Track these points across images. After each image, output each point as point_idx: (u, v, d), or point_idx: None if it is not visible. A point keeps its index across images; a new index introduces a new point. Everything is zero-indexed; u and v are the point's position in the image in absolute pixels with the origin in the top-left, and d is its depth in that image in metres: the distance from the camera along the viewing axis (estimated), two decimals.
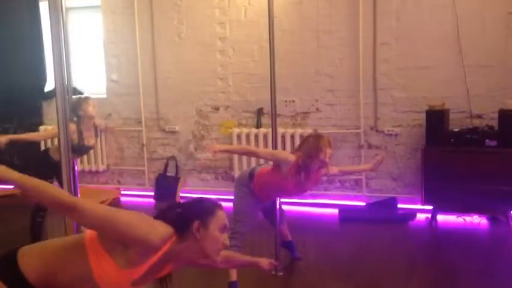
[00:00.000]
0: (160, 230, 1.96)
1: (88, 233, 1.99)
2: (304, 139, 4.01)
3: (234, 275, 3.79)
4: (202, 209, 2.09)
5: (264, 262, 2.86)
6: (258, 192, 3.93)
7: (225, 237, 2.11)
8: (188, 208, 2.11)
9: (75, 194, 2.46)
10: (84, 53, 7.07)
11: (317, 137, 3.87)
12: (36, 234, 4.81)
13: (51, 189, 1.92)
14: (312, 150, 3.76)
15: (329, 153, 3.78)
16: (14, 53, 7.02)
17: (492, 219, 5.37)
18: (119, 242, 1.91)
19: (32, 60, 7.04)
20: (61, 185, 2.44)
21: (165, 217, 2.05)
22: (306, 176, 3.79)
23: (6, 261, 1.96)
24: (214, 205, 2.14)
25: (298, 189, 3.94)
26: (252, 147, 4.62)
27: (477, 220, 5.40)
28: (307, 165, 3.76)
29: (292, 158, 3.81)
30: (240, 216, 3.90)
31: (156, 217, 2.06)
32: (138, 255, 1.92)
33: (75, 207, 1.88)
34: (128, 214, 1.94)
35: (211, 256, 2.08)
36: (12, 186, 1.96)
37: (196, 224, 2.03)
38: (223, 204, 2.22)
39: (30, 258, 1.97)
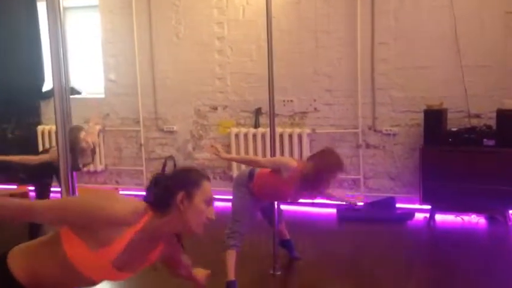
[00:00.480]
0: (126, 205, 1.89)
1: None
2: (323, 153, 3.85)
3: (231, 275, 3.78)
4: (188, 180, 1.99)
5: (201, 276, 2.64)
6: (257, 192, 3.92)
7: (210, 211, 2.03)
8: (174, 179, 2.01)
9: (73, 194, 2.46)
10: (82, 53, 7.06)
11: (337, 163, 3.73)
12: (34, 235, 4.79)
13: (3, 201, 1.91)
14: (324, 172, 3.67)
15: (337, 179, 3.74)
16: (12, 53, 7.01)
17: (490, 219, 5.38)
18: (87, 226, 1.87)
19: (30, 60, 7.03)
20: (60, 184, 2.44)
21: (153, 191, 1.99)
22: (306, 188, 3.77)
23: None
24: (201, 176, 2.04)
25: (295, 197, 3.94)
26: (252, 156, 4.57)
27: (475, 220, 5.40)
28: (312, 180, 3.70)
29: (293, 163, 3.78)
30: (239, 216, 3.90)
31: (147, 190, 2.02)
32: (108, 234, 1.86)
33: (32, 209, 1.89)
34: (86, 198, 1.91)
35: (195, 229, 2.01)
36: (10, 186, 1.96)
37: (180, 195, 1.94)
38: (222, 204, 2.21)
39: (18, 258, 1.96)
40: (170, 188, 1.96)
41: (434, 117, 5.28)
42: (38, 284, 1.95)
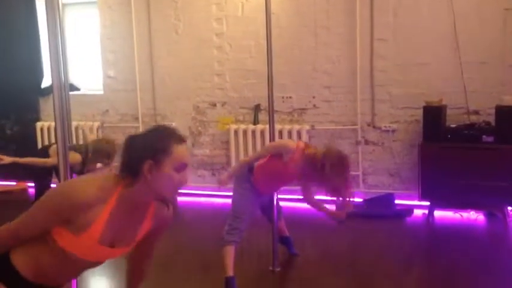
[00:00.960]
0: (89, 186, 1.82)
1: None
2: (339, 152, 3.73)
3: (230, 271, 3.79)
4: (156, 146, 1.82)
5: None
6: (258, 185, 3.91)
7: (182, 176, 1.88)
8: (141, 144, 1.85)
9: None
10: (81, 49, 7.05)
11: (341, 170, 3.62)
12: None
13: None
14: (328, 166, 3.55)
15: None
16: (11, 50, 7.01)
17: (489, 215, 5.39)
18: (63, 219, 1.85)
19: (28, 56, 7.03)
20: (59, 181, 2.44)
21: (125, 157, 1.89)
22: (308, 170, 3.73)
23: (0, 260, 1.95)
24: (171, 140, 1.86)
25: (300, 177, 3.90)
26: (250, 155, 4.50)
27: (474, 216, 5.41)
28: (314, 165, 3.63)
29: (292, 144, 3.80)
30: (239, 212, 3.90)
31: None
32: (85, 218, 1.82)
33: (14, 232, 1.94)
34: (46, 198, 1.89)
35: (167, 196, 1.93)
36: (9, 183, 1.97)
37: (147, 164, 1.80)
38: (220, 200, 2.21)
39: (20, 253, 1.97)
40: (137, 155, 1.82)
41: (433, 114, 5.28)
42: (43, 276, 1.96)
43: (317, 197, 4.13)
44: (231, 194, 4.05)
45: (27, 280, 1.93)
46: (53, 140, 6.53)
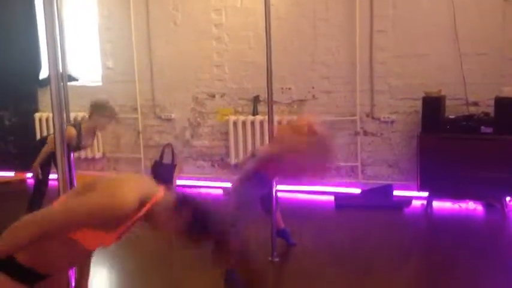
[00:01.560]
0: (131, 195, 1.93)
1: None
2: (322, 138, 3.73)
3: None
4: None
5: None
6: (267, 173, 3.88)
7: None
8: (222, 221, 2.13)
9: (71, 182, 2.46)
10: (79, 40, 7.02)
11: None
12: None
13: (18, 232, 1.97)
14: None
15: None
16: (9, 40, 6.99)
17: (487, 206, 5.40)
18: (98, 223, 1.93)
19: (27, 47, 7.01)
20: (57, 172, 2.43)
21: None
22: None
23: None
24: None
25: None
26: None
27: (472, 207, 5.42)
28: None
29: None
30: (242, 203, 3.88)
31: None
32: (116, 221, 1.93)
33: (44, 229, 1.95)
34: (92, 201, 1.93)
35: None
36: (7, 174, 1.97)
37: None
38: (220, 191, 2.22)
39: None
40: (215, 227, 2.09)
41: (432, 105, 5.28)
42: (38, 262, 1.99)
43: None
44: (228, 185, 4.05)
45: (24, 266, 1.95)
46: (51, 131, 6.52)
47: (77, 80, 6.92)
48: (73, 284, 2.33)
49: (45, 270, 2.03)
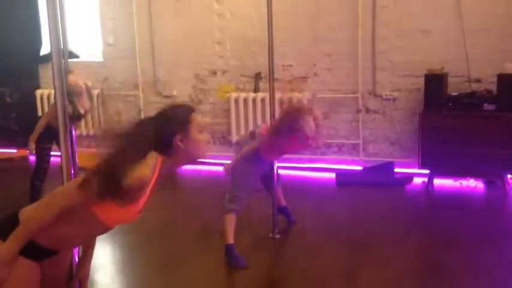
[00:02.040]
0: (143, 169, 1.95)
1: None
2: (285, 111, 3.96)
3: (231, 238, 3.82)
4: (179, 121, 2.11)
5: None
6: (265, 151, 3.92)
7: (205, 137, 2.17)
8: (165, 126, 2.10)
9: (73, 158, 2.47)
10: (80, 16, 6.97)
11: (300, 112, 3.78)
12: (36, 198, 4.83)
13: (37, 215, 1.98)
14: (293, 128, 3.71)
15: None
16: (10, 17, 6.94)
17: (488, 183, 5.41)
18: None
19: (27, 23, 6.97)
20: (59, 148, 2.44)
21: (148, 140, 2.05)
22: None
23: (8, 223, 1.98)
24: (188, 112, 2.15)
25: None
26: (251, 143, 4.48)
27: (473, 184, 5.43)
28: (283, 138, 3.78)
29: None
30: (240, 180, 3.92)
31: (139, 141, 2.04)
32: (134, 193, 1.96)
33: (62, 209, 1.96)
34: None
35: (202, 156, 2.16)
36: (9, 150, 1.98)
37: (177, 138, 2.07)
38: (221, 168, 2.23)
39: None
40: (168, 132, 2.07)
41: (434, 82, 5.26)
42: (54, 240, 2.01)
43: None
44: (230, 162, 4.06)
45: (36, 242, 1.98)
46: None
47: (78, 56, 6.89)
48: (76, 259, 2.35)
49: (58, 247, 2.06)
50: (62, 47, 2.43)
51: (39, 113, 6.73)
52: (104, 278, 3.74)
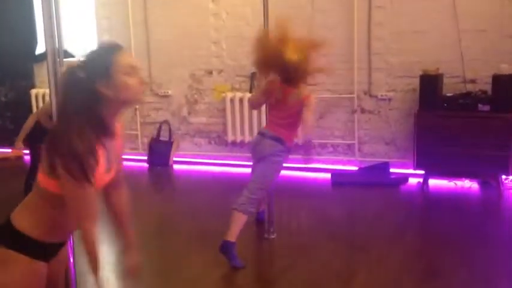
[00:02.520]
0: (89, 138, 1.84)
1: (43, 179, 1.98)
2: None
3: (234, 237, 3.74)
4: (98, 69, 1.88)
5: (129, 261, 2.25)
6: (285, 137, 3.88)
7: (138, 77, 1.94)
8: (86, 73, 1.88)
9: None
10: (76, 15, 6.95)
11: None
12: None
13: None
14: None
15: None
16: (5, 16, 6.93)
17: (483, 184, 5.42)
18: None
19: (22, 22, 6.95)
20: None
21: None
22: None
23: (5, 231, 1.95)
24: (108, 55, 1.92)
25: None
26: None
27: (468, 184, 5.45)
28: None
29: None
30: (266, 184, 3.88)
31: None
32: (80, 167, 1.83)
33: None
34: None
35: (136, 100, 1.99)
36: (4, 150, 1.94)
37: (100, 86, 1.85)
38: (217, 169, 2.21)
39: (22, 218, 1.97)
40: (88, 85, 1.86)
41: (430, 83, 5.27)
42: (51, 231, 1.97)
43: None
44: (225, 162, 4.06)
45: (39, 241, 1.94)
46: (41, 107, 6.49)
47: (73, 56, 6.87)
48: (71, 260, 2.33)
49: (62, 237, 2.03)
50: (57, 46, 2.42)
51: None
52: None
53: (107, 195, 2.18)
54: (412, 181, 5.61)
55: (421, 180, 5.48)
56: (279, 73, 3.88)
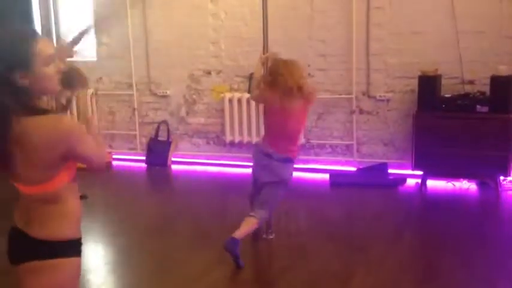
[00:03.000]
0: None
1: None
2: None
3: (242, 236, 3.77)
4: (16, 56, 1.80)
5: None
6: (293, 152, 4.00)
7: (57, 64, 1.88)
8: (3, 61, 1.80)
9: None
10: (74, 15, 6.94)
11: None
12: None
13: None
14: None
15: None
16: (1, 13, 6.90)
17: (481, 185, 5.42)
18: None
19: (20, 21, 6.93)
20: None
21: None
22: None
23: (17, 235, 1.98)
24: (25, 43, 1.82)
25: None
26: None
27: (466, 185, 5.45)
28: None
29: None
30: (276, 200, 4.03)
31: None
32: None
33: None
34: None
35: (53, 92, 1.94)
36: None
37: (18, 77, 1.79)
38: (216, 169, 2.20)
39: (53, 227, 1.98)
40: (5, 75, 1.79)
41: (428, 84, 5.27)
42: (74, 227, 2.02)
43: None
44: (224, 162, 4.06)
45: (74, 239, 2.00)
46: None
47: (71, 56, 6.85)
48: None
49: (78, 228, 2.07)
50: (55, 45, 2.42)
51: None
52: (96, 279, 3.72)
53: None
54: (411, 182, 5.61)
55: (419, 181, 5.49)
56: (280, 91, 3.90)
